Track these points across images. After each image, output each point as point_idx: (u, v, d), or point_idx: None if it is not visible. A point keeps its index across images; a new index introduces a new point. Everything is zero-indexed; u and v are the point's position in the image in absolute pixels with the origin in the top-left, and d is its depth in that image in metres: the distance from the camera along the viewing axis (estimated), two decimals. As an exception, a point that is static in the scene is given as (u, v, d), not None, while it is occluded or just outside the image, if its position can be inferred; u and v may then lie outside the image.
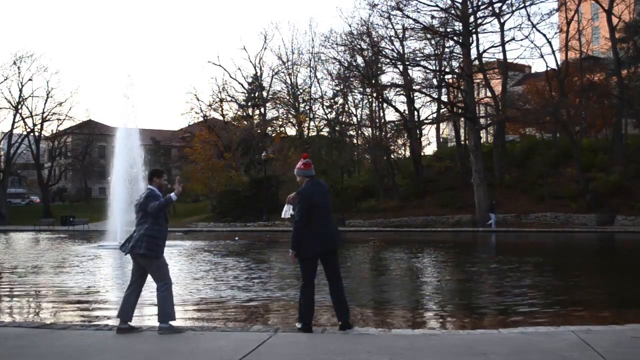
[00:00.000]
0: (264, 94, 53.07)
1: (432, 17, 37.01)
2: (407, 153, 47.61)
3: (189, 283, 11.63)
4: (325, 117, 49.77)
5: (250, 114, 54.42)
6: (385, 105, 44.85)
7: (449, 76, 41.71)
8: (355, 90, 45.21)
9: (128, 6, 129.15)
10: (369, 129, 45.89)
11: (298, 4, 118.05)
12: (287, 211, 6.55)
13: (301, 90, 52.18)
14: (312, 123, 51.17)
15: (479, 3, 35.89)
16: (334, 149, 46.07)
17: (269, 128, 51.09)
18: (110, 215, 27.01)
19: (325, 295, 9.93)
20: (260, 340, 5.80)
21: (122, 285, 12.00)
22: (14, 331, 6.38)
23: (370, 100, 45.65)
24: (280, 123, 52.28)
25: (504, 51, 38.98)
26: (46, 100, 57.52)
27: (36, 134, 58.85)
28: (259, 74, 53.23)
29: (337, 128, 49.00)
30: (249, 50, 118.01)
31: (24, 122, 57.82)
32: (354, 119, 47.97)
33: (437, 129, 54.37)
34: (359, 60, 41.51)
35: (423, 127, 44.94)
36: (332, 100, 48.96)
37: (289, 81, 52.08)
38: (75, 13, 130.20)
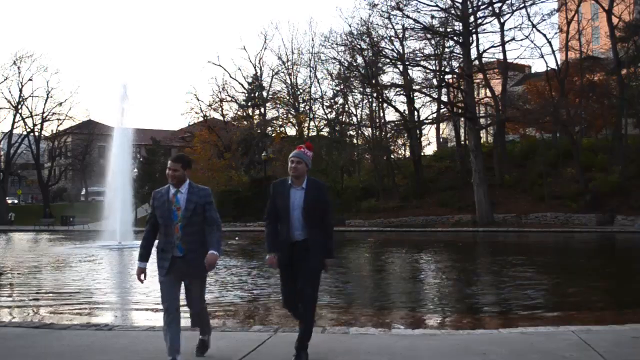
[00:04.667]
0: (264, 94, 53.07)
1: (432, 17, 37.12)
2: (407, 153, 47.61)
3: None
4: (325, 117, 49.79)
5: (250, 114, 54.43)
6: (385, 105, 44.86)
7: (449, 76, 41.73)
8: (355, 90, 45.22)
9: (128, 6, 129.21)
10: (369, 129, 45.89)
11: (298, 4, 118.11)
12: None
13: (301, 90, 52.18)
14: (312, 123, 51.18)
15: (479, 3, 35.92)
16: (334, 149, 46.08)
17: (269, 128, 51.09)
18: (109, 215, 26.98)
19: (325, 296, 9.97)
20: (260, 340, 5.80)
21: (122, 286, 12.05)
22: (13, 331, 6.38)
23: (370, 100, 45.65)
24: (280, 123, 52.30)
25: (504, 51, 39.01)
26: (46, 100, 57.59)
27: (36, 134, 58.88)
28: (259, 74, 53.26)
29: (337, 128, 48.99)
30: (249, 50, 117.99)
31: (24, 122, 57.91)
32: (354, 119, 47.99)
33: (437, 129, 54.41)
34: (359, 60, 41.52)
35: (423, 127, 44.97)
36: (332, 100, 48.98)
37: (289, 81, 52.10)
38: (75, 13, 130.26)
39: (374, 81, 41.12)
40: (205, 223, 5.02)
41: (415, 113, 43.73)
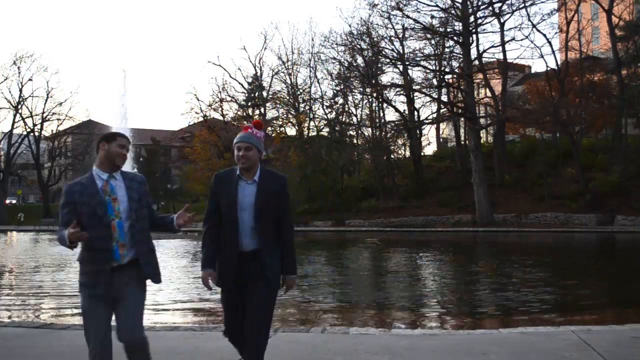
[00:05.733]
0: (264, 94, 53.03)
1: (432, 17, 37.18)
2: (407, 153, 47.62)
3: (189, 283, 11.61)
4: (325, 117, 49.76)
5: (250, 114, 54.35)
6: (385, 105, 44.88)
7: (449, 76, 41.74)
8: (355, 90, 45.24)
9: (128, 6, 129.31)
10: (369, 129, 45.90)
11: (298, 4, 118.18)
12: None
13: (301, 90, 52.13)
14: (312, 123, 51.15)
15: (479, 3, 35.94)
16: (334, 149, 46.05)
17: (269, 128, 51.02)
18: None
19: (326, 296, 9.96)
20: (260, 340, 5.78)
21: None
22: (13, 331, 6.37)
23: (370, 100, 45.65)
24: (280, 123, 52.25)
25: (504, 51, 39.03)
26: (46, 100, 57.68)
27: (36, 134, 58.95)
28: (259, 74, 53.21)
29: (337, 128, 48.98)
30: (249, 50, 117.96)
31: (24, 122, 58.01)
32: (354, 119, 47.99)
33: (437, 129, 54.40)
34: (359, 60, 41.55)
35: (423, 127, 44.97)
36: (332, 100, 48.94)
37: (289, 81, 52.03)
38: (75, 13, 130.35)
39: (374, 81, 41.13)
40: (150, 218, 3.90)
41: (415, 113, 43.77)
